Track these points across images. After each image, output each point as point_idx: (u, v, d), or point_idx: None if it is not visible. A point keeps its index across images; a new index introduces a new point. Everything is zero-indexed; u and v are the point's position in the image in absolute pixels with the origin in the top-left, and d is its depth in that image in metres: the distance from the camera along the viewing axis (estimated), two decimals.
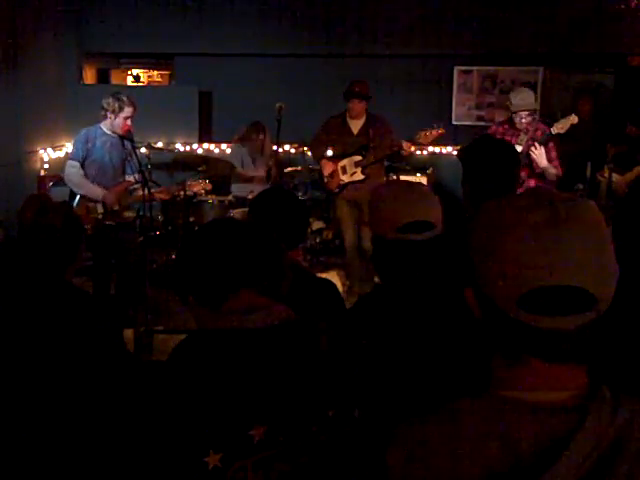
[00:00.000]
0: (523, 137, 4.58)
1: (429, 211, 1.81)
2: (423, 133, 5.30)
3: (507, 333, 0.96)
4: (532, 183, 4.53)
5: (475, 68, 7.35)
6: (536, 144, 4.40)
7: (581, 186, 6.15)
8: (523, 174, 4.53)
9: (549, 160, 4.47)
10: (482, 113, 7.41)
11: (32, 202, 2.33)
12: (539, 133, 4.58)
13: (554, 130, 4.51)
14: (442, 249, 1.82)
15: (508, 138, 4.56)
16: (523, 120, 4.60)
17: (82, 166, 4.72)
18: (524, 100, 4.60)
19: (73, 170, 4.69)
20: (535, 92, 6.60)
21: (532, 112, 4.63)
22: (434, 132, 5.29)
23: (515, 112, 4.62)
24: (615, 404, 0.93)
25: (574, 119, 4.52)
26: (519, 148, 4.51)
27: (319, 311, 1.78)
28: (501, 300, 0.95)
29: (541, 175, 4.51)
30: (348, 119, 5.49)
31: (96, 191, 4.67)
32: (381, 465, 0.99)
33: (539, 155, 4.40)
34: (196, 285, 1.43)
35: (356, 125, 5.47)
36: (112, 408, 2.07)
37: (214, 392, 1.28)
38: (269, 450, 1.28)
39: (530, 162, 4.47)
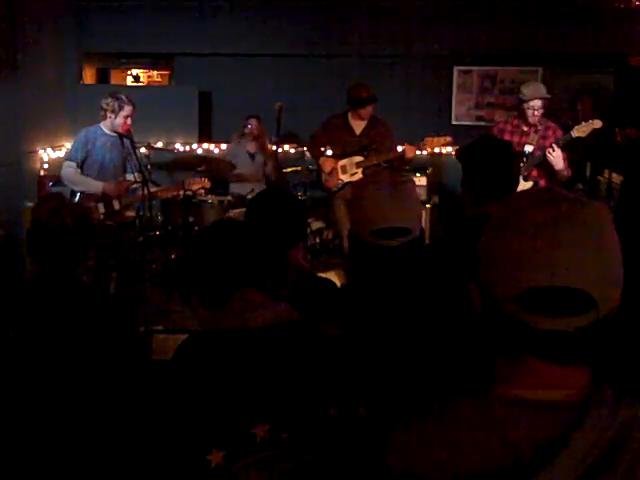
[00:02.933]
0: (534, 136, 4.51)
1: (407, 217, 1.79)
2: (430, 139, 5.35)
3: (506, 331, 0.96)
4: (542, 182, 4.49)
5: (475, 68, 7.35)
6: (554, 146, 4.31)
7: (581, 186, 6.15)
8: (534, 174, 4.51)
9: None
10: (482, 113, 7.41)
11: (47, 200, 2.36)
12: (550, 132, 4.53)
13: (574, 133, 4.42)
14: (417, 253, 1.82)
15: (517, 137, 4.52)
16: (536, 112, 4.46)
17: (81, 167, 4.74)
18: (537, 90, 4.50)
19: (69, 170, 4.72)
20: None
21: (545, 102, 4.49)
22: (441, 139, 5.34)
23: (527, 101, 4.47)
24: (616, 404, 0.93)
25: (597, 124, 4.43)
26: (530, 147, 4.48)
27: (319, 310, 1.79)
28: (501, 298, 0.95)
29: (552, 175, 4.44)
30: (351, 120, 5.48)
31: (96, 185, 4.69)
32: (382, 465, 0.98)
33: (556, 157, 4.31)
34: (199, 285, 1.44)
35: (359, 126, 5.47)
36: (121, 405, 2.08)
37: (217, 390, 1.28)
38: (272, 449, 1.27)
39: (541, 162, 4.43)
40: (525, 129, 4.56)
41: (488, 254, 0.98)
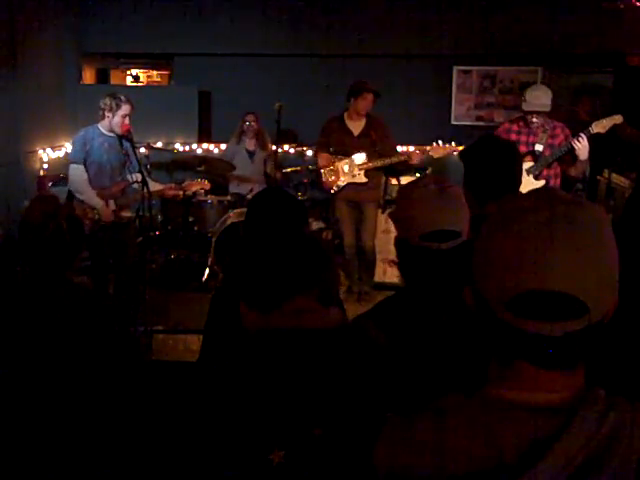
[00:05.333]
0: (543, 136, 4.47)
1: (456, 219, 1.75)
2: (436, 146, 5.37)
3: (497, 334, 0.95)
4: (552, 182, 4.45)
5: (474, 68, 7.35)
6: (583, 135, 4.25)
7: (580, 186, 6.15)
8: (545, 173, 4.49)
9: None
10: (481, 113, 7.41)
11: (41, 202, 2.35)
12: (558, 130, 4.49)
13: (594, 129, 4.36)
14: (466, 256, 1.79)
15: (525, 137, 4.50)
16: (534, 120, 4.45)
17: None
18: (537, 100, 4.43)
19: (78, 173, 4.69)
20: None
21: (542, 114, 4.46)
22: (447, 148, 5.36)
23: (525, 112, 4.48)
24: (607, 407, 0.91)
25: (619, 119, 4.37)
26: (540, 147, 4.46)
27: None
28: (492, 301, 0.93)
29: (570, 165, 4.40)
30: (347, 120, 5.45)
31: (97, 202, 4.67)
32: (368, 464, 0.98)
33: (584, 147, 4.23)
34: (250, 292, 1.43)
35: (356, 127, 5.43)
36: (111, 400, 2.08)
37: (274, 391, 1.30)
38: (328, 450, 1.29)
39: (553, 162, 4.40)
40: (532, 128, 4.54)
41: (481, 257, 0.96)
